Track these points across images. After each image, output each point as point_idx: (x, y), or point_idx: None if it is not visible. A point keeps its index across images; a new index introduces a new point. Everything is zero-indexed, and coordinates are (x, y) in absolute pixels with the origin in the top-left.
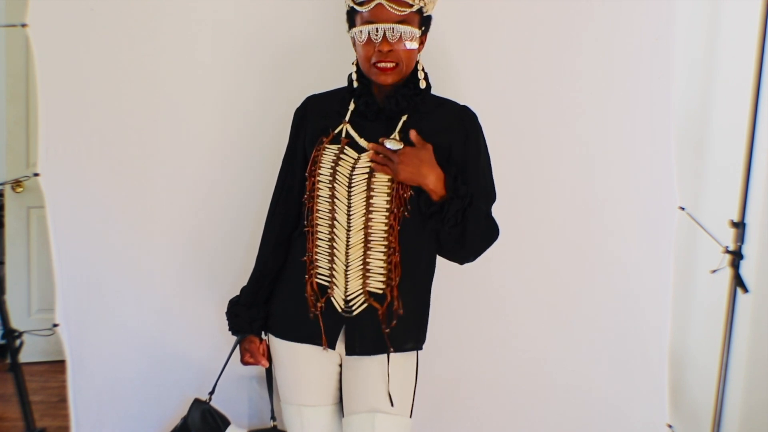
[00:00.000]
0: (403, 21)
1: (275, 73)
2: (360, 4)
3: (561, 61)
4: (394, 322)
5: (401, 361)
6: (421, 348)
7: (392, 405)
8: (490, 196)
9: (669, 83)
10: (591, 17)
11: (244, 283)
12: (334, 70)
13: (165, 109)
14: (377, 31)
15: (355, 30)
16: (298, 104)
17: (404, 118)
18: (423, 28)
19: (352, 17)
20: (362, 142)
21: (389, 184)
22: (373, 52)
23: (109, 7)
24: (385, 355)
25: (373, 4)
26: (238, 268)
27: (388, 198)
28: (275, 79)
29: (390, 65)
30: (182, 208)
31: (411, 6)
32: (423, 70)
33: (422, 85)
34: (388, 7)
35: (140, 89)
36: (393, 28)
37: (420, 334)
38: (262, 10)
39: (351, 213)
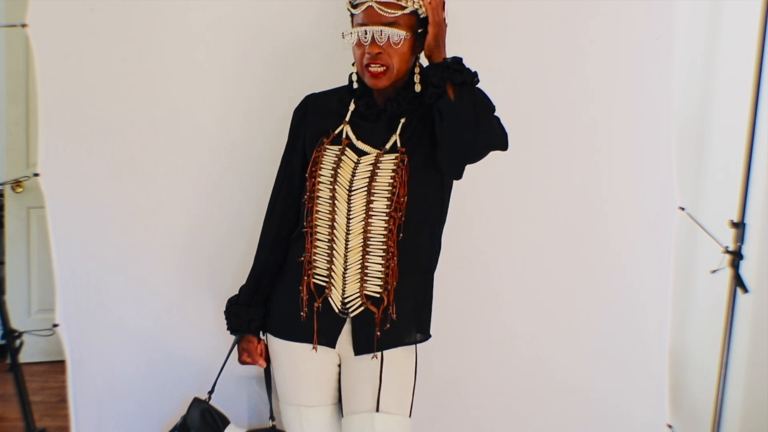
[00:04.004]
0: (392, 24)
1: (275, 72)
2: (354, 7)
3: (561, 61)
4: (387, 326)
5: (400, 360)
6: (429, 337)
7: (377, 410)
8: None
9: (669, 83)
10: (591, 17)
11: (244, 282)
12: (334, 70)
13: (165, 109)
14: (366, 34)
15: (348, 32)
16: (298, 104)
17: (403, 120)
18: (420, 30)
19: (351, 20)
20: (360, 145)
21: (390, 188)
22: (363, 54)
23: (109, 8)
24: (386, 355)
25: (364, 7)
26: (237, 268)
27: (389, 203)
28: (275, 79)
29: (380, 69)
30: (182, 208)
31: (403, 8)
32: (420, 72)
33: (417, 88)
34: (377, 9)
35: (140, 89)
36: (381, 31)
37: (425, 325)
38: (261, 9)
39: (351, 216)
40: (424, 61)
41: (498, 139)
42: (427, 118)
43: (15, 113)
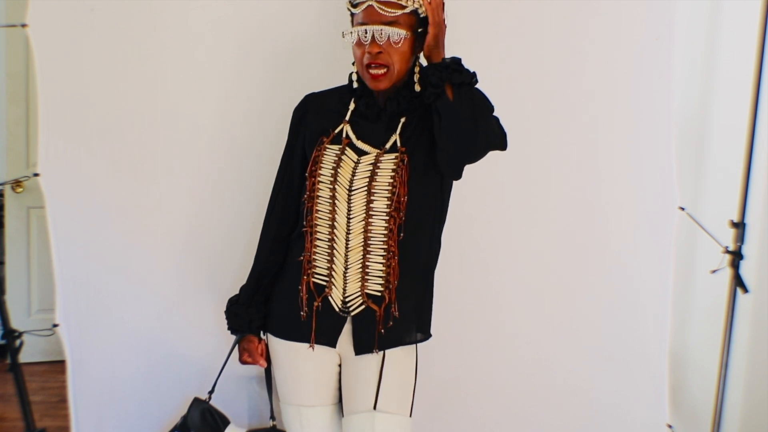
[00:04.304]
0: (392, 23)
1: (274, 71)
2: (354, 6)
3: (561, 60)
4: (390, 323)
5: (401, 359)
6: (429, 337)
7: (375, 408)
8: None
9: (669, 83)
10: (591, 17)
11: (244, 282)
12: (334, 69)
13: (165, 108)
14: (366, 33)
15: (348, 31)
16: (297, 103)
17: (403, 119)
18: (420, 30)
19: (351, 20)
20: (360, 145)
21: (390, 188)
22: (363, 54)
23: (109, 7)
24: (387, 354)
25: (364, 6)
26: (237, 268)
27: (389, 202)
28: (275, 79)
29: (381, 71)
30: (182, 208)
31: (403, 8)
32: (420, 72)
33: (417, 88)
34: (377, 8)
35: (140, 89)
36: (381, 30)
37: (426, 324)
38: (261, 9)
39: (351, 216)
40: (423, 61)
41: (497, 139)
42: (426, 118)
43: (15, 113)
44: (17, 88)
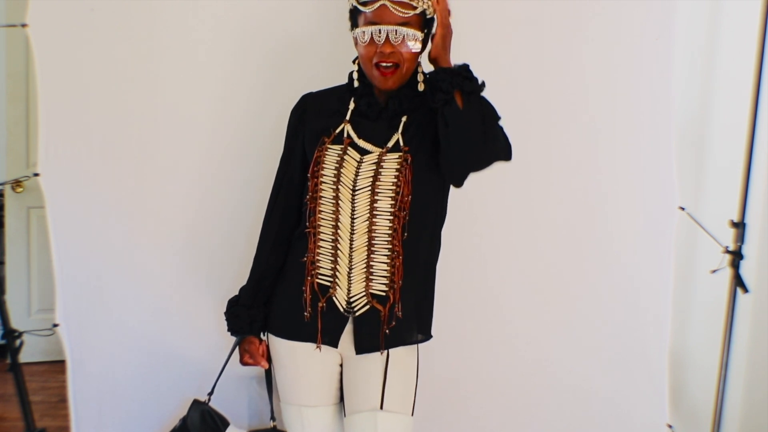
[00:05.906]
0: (406, 23)
1: (274, 71)
2: (363, 5)
3: (561, 60)
4: (393, 323)
5: (402, 359)
6: (430, 337)
7: (381, 407)
8: None
9: (669, 83)
10: (592, 17)
11: (244, 282)
12: (332, 67)
13: (164, 108)
14: (380, 33)
15: (357, 30)
16: (296, 101)
17: (404, 118)
18: (426, 31)
19: (354, 17)
20: (362, 144)
21: (394, 188)
22: (374, 53)
23: (109, 7)
24: (390, 354)
25: (376, 5)
26: (237, 268)
27: (393, 202)
28: (275, 78)
29: (391, 69)
30: (182, 208)
31: (414, 8)
32: (423, 72)
33: (420, 87)
34: (392, 8)
35: (140, 89)
36: (396, 30)
37: (426, 325)
38: (261, 9)
39: (355, 216)
40: (422, 61)
41: (503, 150)
42: (428, 117)
43: (15, 113)
44: (17, 88)
